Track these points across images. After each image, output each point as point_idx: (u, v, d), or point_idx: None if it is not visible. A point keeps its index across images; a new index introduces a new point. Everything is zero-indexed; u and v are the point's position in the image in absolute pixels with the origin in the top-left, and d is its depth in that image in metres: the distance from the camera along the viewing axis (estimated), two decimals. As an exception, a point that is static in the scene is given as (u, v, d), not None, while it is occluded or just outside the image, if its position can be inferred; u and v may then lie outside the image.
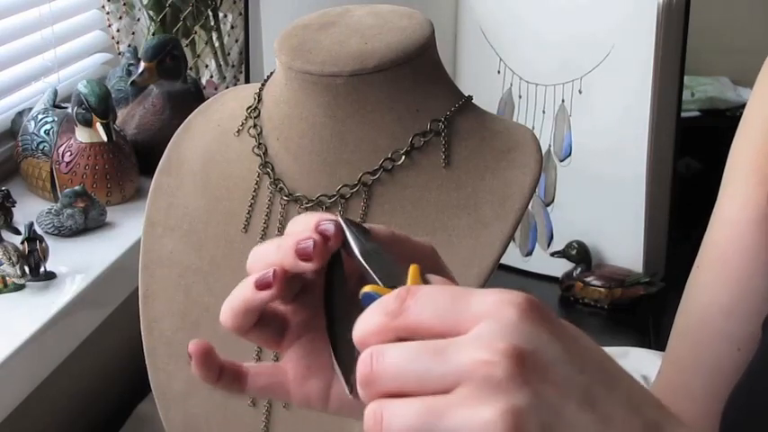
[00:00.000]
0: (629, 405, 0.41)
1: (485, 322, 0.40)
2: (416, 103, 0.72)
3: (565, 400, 0.40)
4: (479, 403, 0.39)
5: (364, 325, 0.43)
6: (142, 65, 1.12)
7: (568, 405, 0.40)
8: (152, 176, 0.78)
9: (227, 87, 1.33)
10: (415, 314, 0.42)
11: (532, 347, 0.40)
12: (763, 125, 0.72)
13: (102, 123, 1.03)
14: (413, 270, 0.45)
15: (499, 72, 1.34)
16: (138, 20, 1.32)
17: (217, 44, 1.35)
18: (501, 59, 1.34)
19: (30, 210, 1.03)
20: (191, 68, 1.27)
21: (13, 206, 0.99)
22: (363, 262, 0.46)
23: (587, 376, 0.41)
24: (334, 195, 0.71)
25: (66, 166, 1.05)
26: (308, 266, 0.48)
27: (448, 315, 0.41)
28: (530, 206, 0.82)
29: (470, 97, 0.74)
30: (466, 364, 0.40)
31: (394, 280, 0.45)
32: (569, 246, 1.30)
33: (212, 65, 1.37)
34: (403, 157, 0.71)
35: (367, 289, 0.45)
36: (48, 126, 1.08)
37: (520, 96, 1.33)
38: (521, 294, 0.41)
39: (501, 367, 0.39)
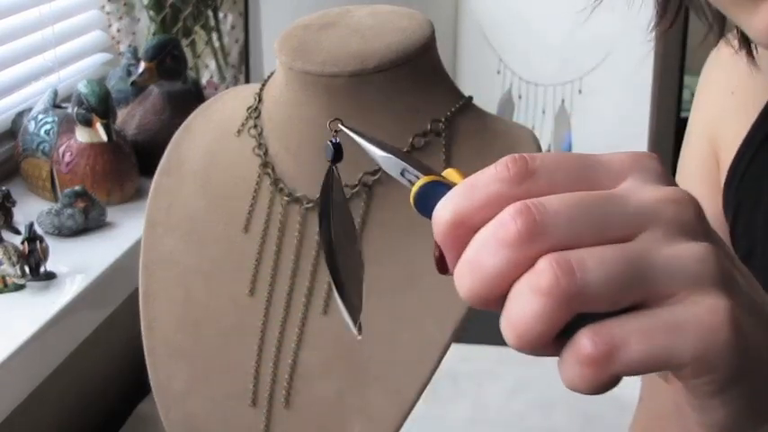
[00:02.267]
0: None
1: (633, 175, 0.35)
2: (417, 104, 0.72)
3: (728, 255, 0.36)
4: (679, 242, 0.34)
5: (468, 197, 0.35)
6: (142, 65, 1.12)
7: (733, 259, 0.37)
8: (152, 176, 0.78)
9: (227, 87, 1.33)
10: (545, 178, 0.35)
11: (689, 195, 0.36)
12: (707, 135, 0.72)
13: (102, 123, 1.03)
14: (451, 171, 0.38)
15: (499, 72, 1.34)
16: (139, 20, 1.32)
17: (217, 44, 1.35)
18: (501, 59, 1.34)
19: (30, 210, 1.03)
20: (191, 68, 1.27)
21: (14, 206, 0.99)
22: (397, 157, 0.38)
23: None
24: (335, 195, 0.71)
25: (67, 167, 1.05)
26: None
27: (584, 177, 0.35)
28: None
29: (470, 98, 0.74)
30: (648, 205, 0.34)
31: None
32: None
33: (212, 65, 1.37)
34: (403, 157, 0.71)
35: (426, 180, 0.36)
36: (48, 126, 1.08)
37: (520, 96, 1.33)
38: (645, 154, 0.37)
39: (689, 208, 0.35)
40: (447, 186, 0.36)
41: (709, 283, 0.34)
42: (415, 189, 0.37)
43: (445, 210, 0.36)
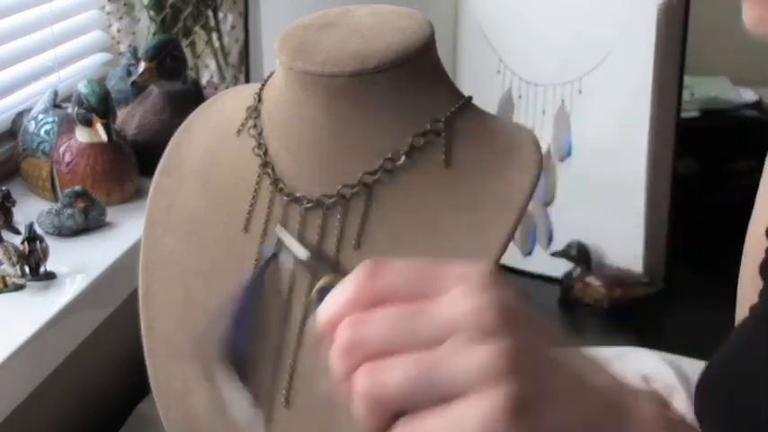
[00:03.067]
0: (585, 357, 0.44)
1: (461, 286, 0.42)
2: (416, 104, 0.72)
3: (545, 345, 0.42)
4: (474, 348, 0.40)
5: (335, 300, 0.43)
6: (142, 65, 1.12)
7: (548, 349, 0.42)
8: (152, 176, 0.78)
9: (227, 87, 1.33)
10: (387, 281, 0.42)
11: (508, 302, 0.42)
12: None
13: (102, 123, 1.03)
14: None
15: (499, 72, 1.34)
16: (139, 20, 1.32)
17: (217, 44, 1.35)
18: (501, 59, 1.34)
19: (30, 210, 1.03)
20: (191, 68, 1.27)
21: (13, 206, 0.99)
22: (311, 259, 0.47)
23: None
24: (334, 196, 0.71)
25: (67, 166, 1.05)
26: None
27: (420, 282, 0.42)
28: (530, 206, 0.82)
29: (470, 97, 0.74)
30: (454, 315, 0.41)
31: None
32: (569, 246, 1.30)
33: (212, 65, 1.37)
34: (403, 157, 0.71)
35: (326, 280, 0.45)
36: (48, 126, 1.08)
37: (520, 96, 1.33)
38: (482, 265, 0.43)
39: (490, 314, 0.41)
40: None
41: (494, 380, 0.39)
42: (315, 289, 0.45)
43: (322, 311, 0.43)
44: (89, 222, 1.01)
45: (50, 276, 0.92)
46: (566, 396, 0.41)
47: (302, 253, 0.48)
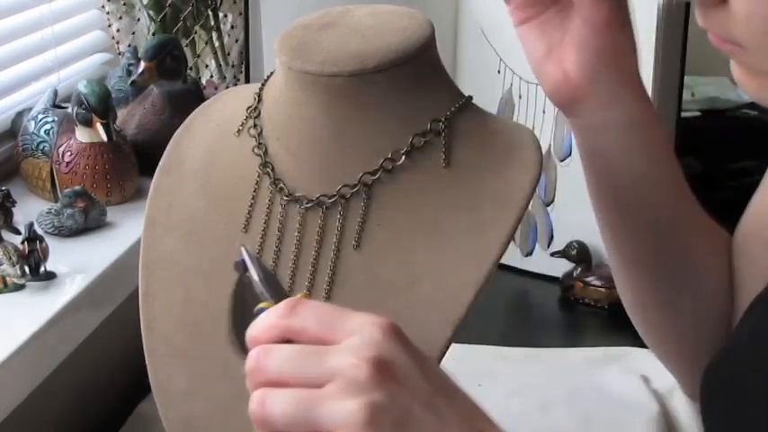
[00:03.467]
0: (463, 414, 0.50)
1: (355, 336, 0.49)
2: (417, 103, 0.72)
3: (413, 402, 0.48)
4: (345, 397, 0.47)
5: (257, 324, 0.51)
6: (142, 65, 1.12)
7: (415, 406, 0.48)
8: (152, 176, 0.78)
9: (227, 87, 1.33)
10: (301, 318, 0.50)
11: (391, 359, 0.49)
12: None
13: (102, 123, 1.03)
14: (302, 295, 0.53)
15: (499, 72, 1.34)
16: (138, 20, 1.32)
17: (217, 44, 1.35)
18: (501, 59, 1.34)
19: (30, 210, 1.03)
20: (191, 68, 1.27)
21: (13, 206, 0.99)
22: (261, 284, 0.55)
23: (432, 387, 0.49)
24: (334, 195, 0.71)
25: (67, 166, 1.05)
26: None
27: (327, 325, 0.50)
28: (530, 206, 0.82)
29: (470, 97, 0.74)
30: (337, 365, 0.48)
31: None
32: (569, 246, 1.30)
33: (212, 65, 1.37)
34: (403, 157, 0.71)
35: (262, 305, 0.53)
36: (48, 126, 1.08)
37: (520, 96, 1.33)
38: (385, 319, 0.50)
39: (364, 370, 0.47)
40: None
41: (351, 429, 0.46)
42: (254, 310, 0.53)
43: (250, 328, 0.51)
44: (89, 222, 1.01)
45: (50, 276, 0.92)
46: None
47: (258, 275, 0.56)
